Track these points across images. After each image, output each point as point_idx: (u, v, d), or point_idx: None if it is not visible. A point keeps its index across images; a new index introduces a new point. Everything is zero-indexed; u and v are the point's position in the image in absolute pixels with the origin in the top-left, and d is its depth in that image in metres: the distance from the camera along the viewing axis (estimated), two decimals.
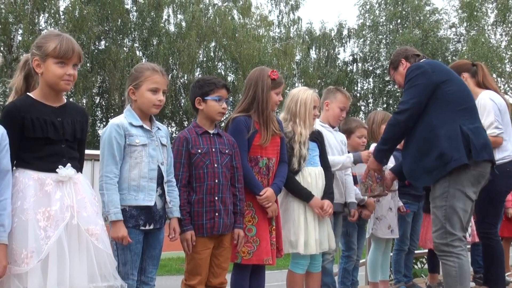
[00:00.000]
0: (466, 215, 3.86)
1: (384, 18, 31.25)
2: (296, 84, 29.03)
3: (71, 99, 22.62)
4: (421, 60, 4.23)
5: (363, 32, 31.51)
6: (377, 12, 31.49)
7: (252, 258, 3.81)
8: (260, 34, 28.19)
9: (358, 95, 32.00)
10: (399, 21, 30.81)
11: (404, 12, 30.49)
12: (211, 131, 3.72)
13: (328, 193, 4.30)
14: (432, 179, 3.89)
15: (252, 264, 3.86)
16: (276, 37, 30.51)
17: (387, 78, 29.88)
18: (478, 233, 4.97)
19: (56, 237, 2.68)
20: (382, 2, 31.26)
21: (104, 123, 25.80)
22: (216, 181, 3.60)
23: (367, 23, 31.40)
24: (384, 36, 31.09)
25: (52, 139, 2.84)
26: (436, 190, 3.90)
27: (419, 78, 3.96)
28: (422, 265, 8.19)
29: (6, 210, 2.65)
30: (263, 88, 3.94)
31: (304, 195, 4.19)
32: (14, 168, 2.81)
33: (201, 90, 3.71)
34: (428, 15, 30.69)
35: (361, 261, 5.45)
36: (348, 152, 4.90)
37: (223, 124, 4.17)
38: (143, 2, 25.75)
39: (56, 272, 2.67)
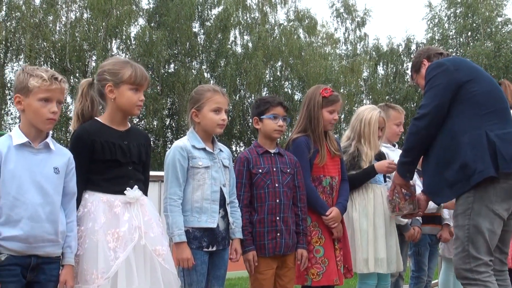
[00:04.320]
0: (494, 236, 3.30)
1: (453, 31, 30.48)
2: (364, 101, 28.74)
3: (142, 121, 23.41)
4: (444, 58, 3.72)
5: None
6: (446, 25, 30.74)
7: (322, 280, 3.76)
8: (326, 52, 28.17)
9: None
10: (469, 33, 29.98)
11: (474, 24, 29.63)
12: (272, 151, 3.72)
13: None
14: (454, 194, 3.37)
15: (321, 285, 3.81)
16: (343, 54, 30.31)
17: None
18: None
19: (125, 257, 2.75)
20: (452, 15, 30.53)
21: None
22: (278, 200, 3.59)
23: (436, 37, 30.68)
24: (454, 49, 30.26)
25: (120, 161, 2.93)
26: (458, 207, 3.36)
27: (440, 77, 3.44)
28: None
29: (73, 232, 2.76)
30: (314, 106, 3.93)
31: (369, 171, 4.17)
32: (85, 190, 2.90)
33: (257, 110, 3.74)
34: (500, 27, 29.69)
35: (433, 281, 5.29)
36: None
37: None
38: (210, 25, 26.24)
39: None
